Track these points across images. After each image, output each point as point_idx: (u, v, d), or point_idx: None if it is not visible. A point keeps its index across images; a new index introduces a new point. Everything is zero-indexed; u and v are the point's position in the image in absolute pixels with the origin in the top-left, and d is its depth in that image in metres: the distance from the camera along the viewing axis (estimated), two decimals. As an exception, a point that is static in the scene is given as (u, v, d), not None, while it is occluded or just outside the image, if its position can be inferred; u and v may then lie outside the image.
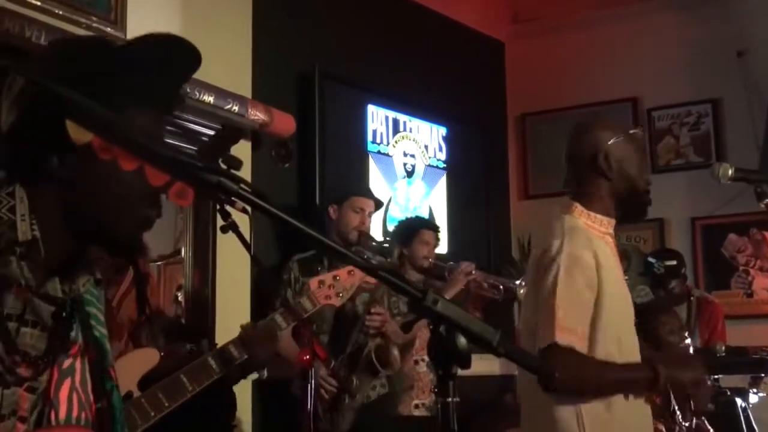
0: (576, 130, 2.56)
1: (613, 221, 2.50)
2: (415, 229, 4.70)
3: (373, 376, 4.05)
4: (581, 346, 2.32)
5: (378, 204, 4.42)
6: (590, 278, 2.35)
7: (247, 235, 1.65)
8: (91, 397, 1.35)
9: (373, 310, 4.04)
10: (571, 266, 2.35)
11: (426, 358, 4.16)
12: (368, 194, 4.51)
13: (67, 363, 1.31)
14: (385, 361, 4.00)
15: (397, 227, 4.84)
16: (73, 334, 1.33)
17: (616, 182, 2.47)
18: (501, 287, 4.69)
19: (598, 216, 2.47)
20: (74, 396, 1.31)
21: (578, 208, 2.47)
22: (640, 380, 2.41)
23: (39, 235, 1.26)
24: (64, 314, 1.30)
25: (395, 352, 4.02)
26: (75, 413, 1.31)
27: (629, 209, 2.52)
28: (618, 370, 2.40)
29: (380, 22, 5.97)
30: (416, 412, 4.42)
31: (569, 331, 2.30)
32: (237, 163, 2.35)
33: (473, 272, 4.59)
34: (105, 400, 1.35)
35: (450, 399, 1.25)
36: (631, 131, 2.54)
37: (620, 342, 2.42)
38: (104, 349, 1.38)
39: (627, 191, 2.48)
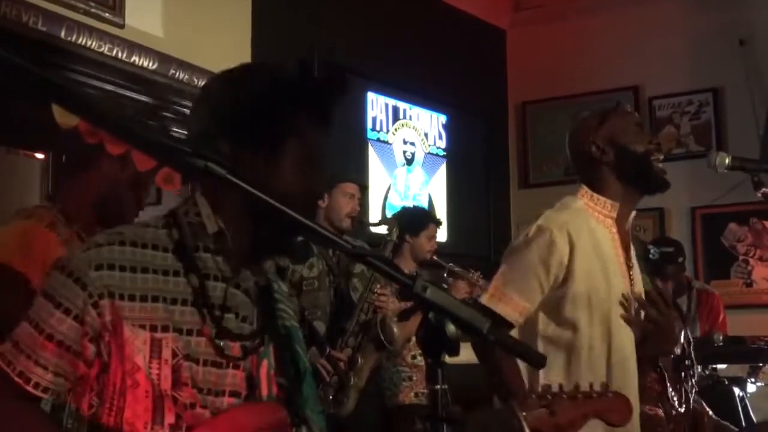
0: (569, 130, 2.59)
1: (617, 205, 2.49)
2: (425, 222, 4.70)
3: (377, 352, 4.06)
4: (513, 316, 2.31)
5: (362, 188, 4.42)
6: (547, 256, 2.34)
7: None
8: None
9: (377, 289, 4.05)
10: (533, 238, 2.37)
11: None
12: (356, 179, 4.50)
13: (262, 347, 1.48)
14: (390, 337, 4.02)
15: (405, 215, 4.79)
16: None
17: (617, 163, 2.46)
18: None
19: (602, 198, 2.48)
20: (270, 375, 1.49)
21: (584, 188, 2.50)
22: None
23: (224, 228, 1.42)
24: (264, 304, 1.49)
25: (395, 329, 4.04)
26: (266, 391, 1.48)
27: (643, 181, 2.51)
28: (506, 383, 2.28)
29: (380, 9, 5.94)
30: (416, 401, 4.45)
31: (503, 297, 2.32)
32: None
33: (479, 281, 4.62)
34: (295, 381, 1.51)
35: (439, 386, 1.25)
36: (610, 110, 2.53)
37: (609, 333, 2.38)
38: (290, 331, 1.55)
39: (631, 165, 2.47)
